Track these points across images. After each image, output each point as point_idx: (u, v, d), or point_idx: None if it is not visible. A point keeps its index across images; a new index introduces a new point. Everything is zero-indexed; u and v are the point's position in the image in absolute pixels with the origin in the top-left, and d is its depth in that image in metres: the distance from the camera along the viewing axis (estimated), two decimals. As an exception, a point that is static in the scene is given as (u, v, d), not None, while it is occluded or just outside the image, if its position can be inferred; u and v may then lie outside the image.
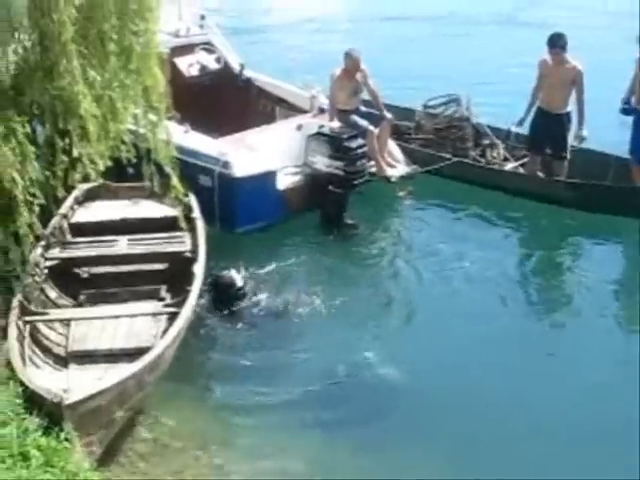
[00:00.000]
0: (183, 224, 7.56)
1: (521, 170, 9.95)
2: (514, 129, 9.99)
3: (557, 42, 9.31)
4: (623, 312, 7.92)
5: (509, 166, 10.07)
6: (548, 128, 9.53)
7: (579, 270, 8.55)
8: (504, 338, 7.22)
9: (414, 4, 19.15)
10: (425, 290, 8.12)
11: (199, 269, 7.02)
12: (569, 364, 6.89)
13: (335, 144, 9.22)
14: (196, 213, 7.92)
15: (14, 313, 6.20)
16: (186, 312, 6.40)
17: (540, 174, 9.81)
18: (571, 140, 9.51)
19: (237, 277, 7.75)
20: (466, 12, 17.76)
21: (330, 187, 9.18)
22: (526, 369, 6.80)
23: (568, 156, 9.54)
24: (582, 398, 6.39)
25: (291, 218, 9.09)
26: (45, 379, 5.67)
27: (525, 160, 9.96)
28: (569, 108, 9.43)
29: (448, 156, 10.00)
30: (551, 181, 9.60)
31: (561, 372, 6.75)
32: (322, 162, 9.28)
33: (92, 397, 5.16)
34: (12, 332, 5.98)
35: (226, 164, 8.76)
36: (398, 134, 10.43)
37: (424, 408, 6.35)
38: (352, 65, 9.83)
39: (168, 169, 6.89)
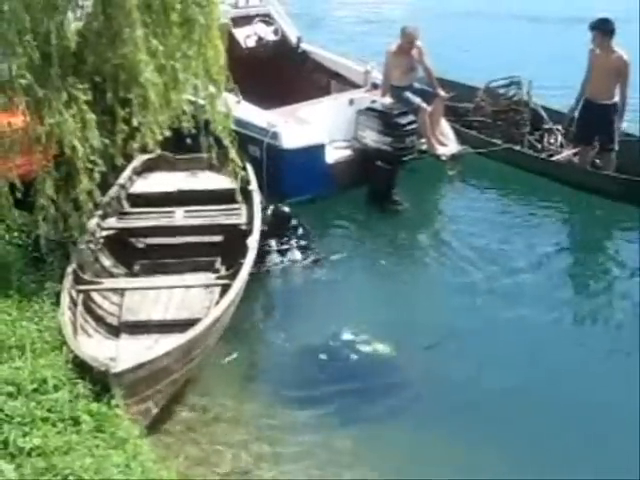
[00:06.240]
0: (239, 197, 7.52)
1: (575, 158, 9.72)
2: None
3: (603, 27, 9.03)
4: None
5: (565, 153, 9.87)
6: (595, 119, 9.32)
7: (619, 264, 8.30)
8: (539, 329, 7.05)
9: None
10: (465, 272, 7.96)
11: (253, 242, 7.01)
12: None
13: (385, 120, 9.17)
14: (253, 185, 7.92)
15: (68, 280, 6.24)
16: (238, 284, 6.39)
17: (596, 162, 9.58)
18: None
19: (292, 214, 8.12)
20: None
21: (378, 162, 9.13)
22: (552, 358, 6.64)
23: (616, 147, 9.33)
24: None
25: (339, 192, 9.04)
26: (96, 347, 5.73)
27: None
28: (616, 99, 9.16)
29: (498, 142, 9.91)
30: (595, 173, 9.39)
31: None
32: (371, 137, 9.24)
33: (139, 366, 5.16)
34: (65, 300, 6.00)
35: (275, 135, 8.75)
36: (456, 115, 10.34)
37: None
38: (407, 41, 9.75)
39: (226, 141, 6.85)
